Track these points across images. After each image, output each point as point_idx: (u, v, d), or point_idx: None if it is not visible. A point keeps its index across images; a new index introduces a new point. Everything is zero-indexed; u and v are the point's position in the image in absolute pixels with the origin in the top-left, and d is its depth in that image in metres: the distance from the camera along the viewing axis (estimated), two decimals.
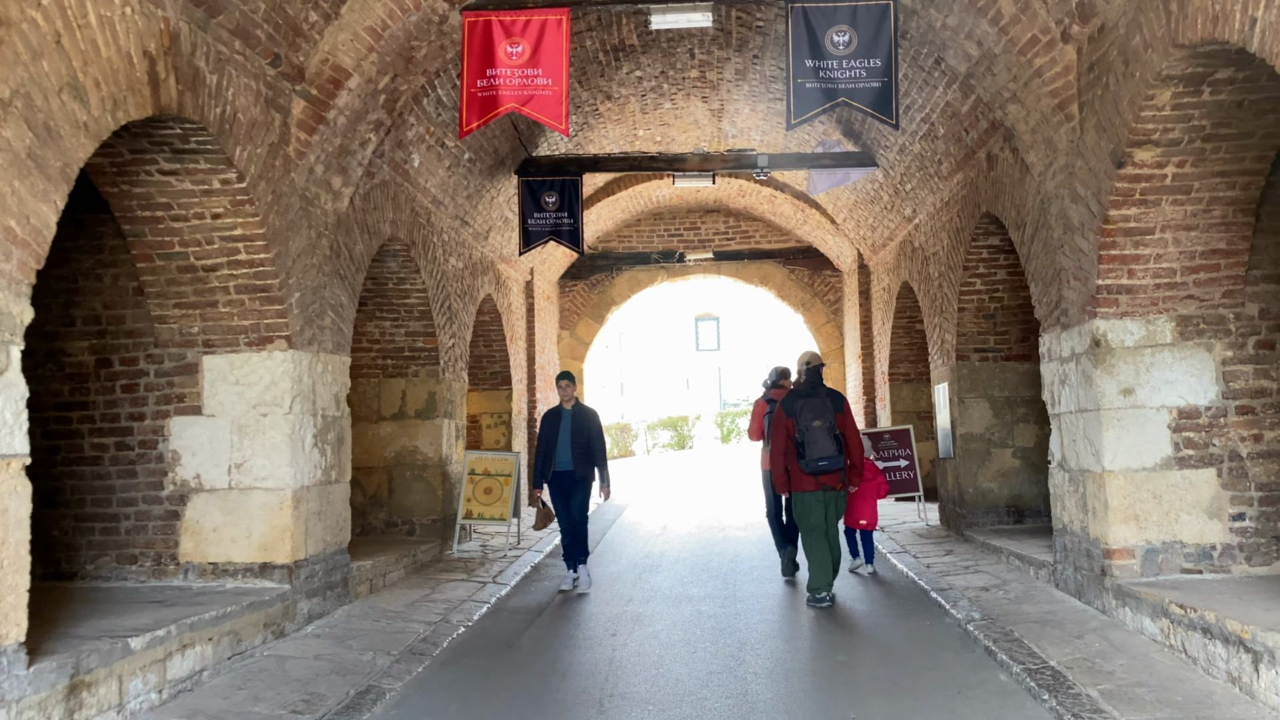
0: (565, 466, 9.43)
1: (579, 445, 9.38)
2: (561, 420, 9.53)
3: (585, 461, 9.42)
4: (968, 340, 10.95)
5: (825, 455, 8.17)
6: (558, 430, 9.47)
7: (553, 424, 9.55)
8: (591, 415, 9.65)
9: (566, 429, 9.43)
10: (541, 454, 9.51)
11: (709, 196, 17.90)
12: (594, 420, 9.63)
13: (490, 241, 13.57)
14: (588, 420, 9.57)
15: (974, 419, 10.91)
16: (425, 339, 11.23)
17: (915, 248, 12.77)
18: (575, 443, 9.37)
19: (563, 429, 9.45)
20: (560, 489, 9.51)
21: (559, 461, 9.44)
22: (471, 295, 12.82)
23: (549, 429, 9.53)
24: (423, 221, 10.78)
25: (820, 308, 18.59)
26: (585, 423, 9.52)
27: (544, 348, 17.23)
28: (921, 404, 14.85)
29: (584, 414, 9.60)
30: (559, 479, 9.49)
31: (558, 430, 9.47)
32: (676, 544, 12.28)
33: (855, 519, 9.53)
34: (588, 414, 9.64)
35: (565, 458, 9.41)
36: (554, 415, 9.62)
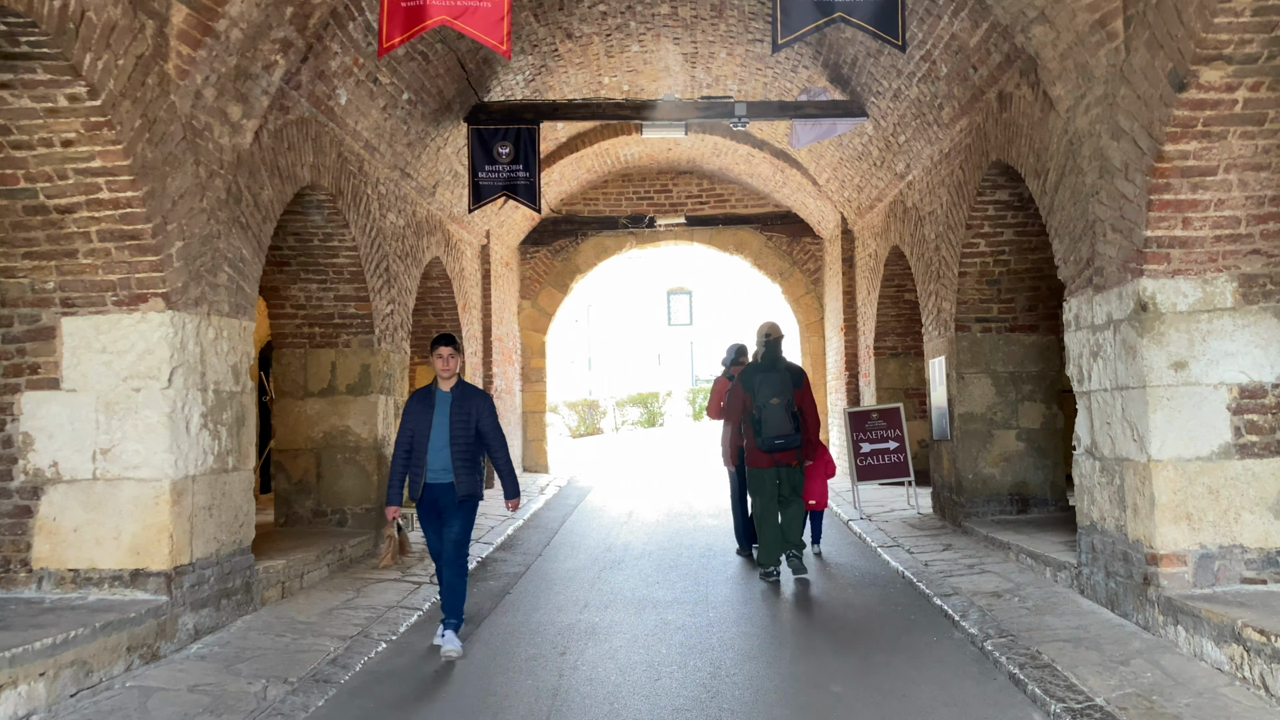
0: (441, 478, 6.46)
1: (462, 445, 6.46)
2: (435, 408, 6.52)
3: (470, 470, 6.50)
4: (968, 309, 9.77)
5: (782, 434, 8.00)
6: (429, 422, 6.49)
7: (421, 413, 6.53)
8: (482, 400, 6.65)
9: (443, 421, 6.47)
10: (400, 458, 6.54)
11: (681, 156, 16.60)
12: (485, 407, 6.63)
13: (438, 198, 12.23)
14: (476, 407, 6.58)
15: (974, 397, 9.75)
16: (358, 304, 9.90)
17: (908, 208, 11.56)
18: (456, 442, 6.45)
19: (437, 421, 6.47)
20: (431, 511, 6.56)
21: (431, 469, 6.46)
22: (415, 257, 11.49)
23: (415, 420, 6.53)
24: (353, 169, 9.43)
25: (799, 277, 17.39)
26: (472, 411, 6.55)
27: (501, 318, 15.92)
28: (910, 380, 13.70)
29: (470, 399, 6.59)
30: (431, 497, 6.52)
31: (429, 422, 6.49)
32: (643, 534, 11.08)
33: (804, 499, 8.73)
34: (476, 399, 6.63)
35: (441, 464, 6.45)
36: (423, 401, 6.58)
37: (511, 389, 16.61)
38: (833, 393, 16.39)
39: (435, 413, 6.52)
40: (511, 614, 7.38)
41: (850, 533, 10.55)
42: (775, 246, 17.39)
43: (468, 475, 6.50)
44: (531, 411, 17.54)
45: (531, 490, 14.88)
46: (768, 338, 8.45)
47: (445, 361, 6.56)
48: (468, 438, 6.50)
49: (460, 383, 6.65)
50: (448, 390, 6.60)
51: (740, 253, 17.51)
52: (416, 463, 6.49)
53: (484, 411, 6.62)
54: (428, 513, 6.62)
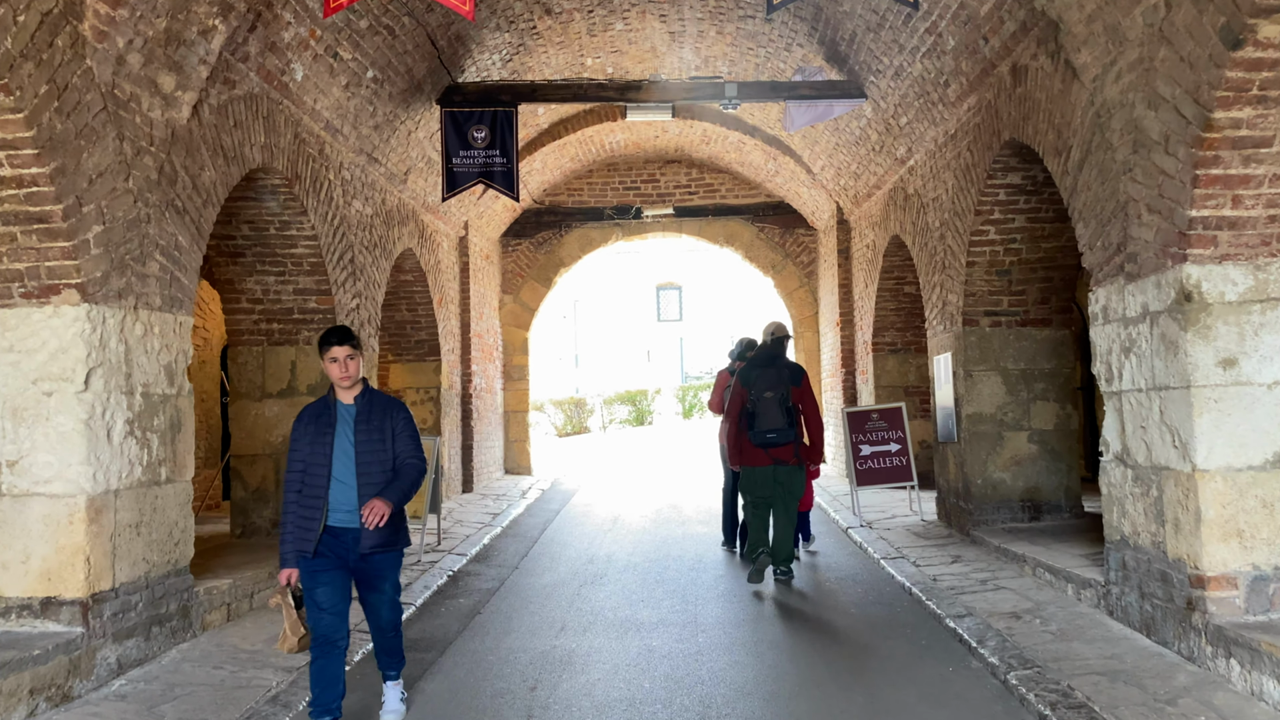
0: (347, 521, 4.81)
1: (376, 475, 4.83)
2: (336, 428, 4.86)
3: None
4: (977, 301, 9.09)
5: (774, 427, 7.93)
6: (328, 448, 4.83)
7: (315, 437, 4.86)
8: (397, 412, 5.01)
9: (347, 445, 4.84)
10: (292, 503, 4.86)
11: (669, 144, 15.90)
12: (402, 421, 4.99)
13: (410, 186, 11.51)
14: (391, 423, 4.95)
15: (983, 396, 9.08)
16: (319, 298, 9.17)
17: (909, 194, 10.88)
18: (367, 471, 4.82)
19: (339, 446, 4.83)
20: (329, 564, 4.80)
21: (335, 511, 4.82)
22: (384, 248, 10.77)
23: (309, 447, 4.86)
24: (312, 152, 8.71)
25: (792, 270, 16.70)
26: (386, 427, 4.92)
27: (481, 313, 15.20)
28: (910, 377, 13.04)
29: (383, 412, 4.96)
30: (335, 550, 4.82)
31: (328, 448, 4.83)
32: (628, 543, 10.39)
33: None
34: (390, 411, 4.99)
35: (348, 502, 4.81)
36: (317, 419, 4.92)
37: (493, 388, 15.90)
38: (828, 391, 15.72)
39: (336, 435, 4.86)
40: (480, 638, 6.69)
41: (850, 542, 9.87)
42: (767, 238, 16.70)
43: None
44: (514, 411, 16.83)
45: (513, 494, 14.18)
46: (773, 336, 8.57)
47: (342, 365, 4.85)
48: (383, 465, 4.87)
49: (367, 391, 4.99)
50: (350, 402, 4.93)
51: (731, 245, 16.83)
52: (311, 504, 4.77)
53: (401, 428, 4.96)
54: (328, 566, 4.78)
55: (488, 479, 15.32)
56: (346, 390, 4.96)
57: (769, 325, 8.79)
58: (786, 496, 8.09)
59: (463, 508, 12.74)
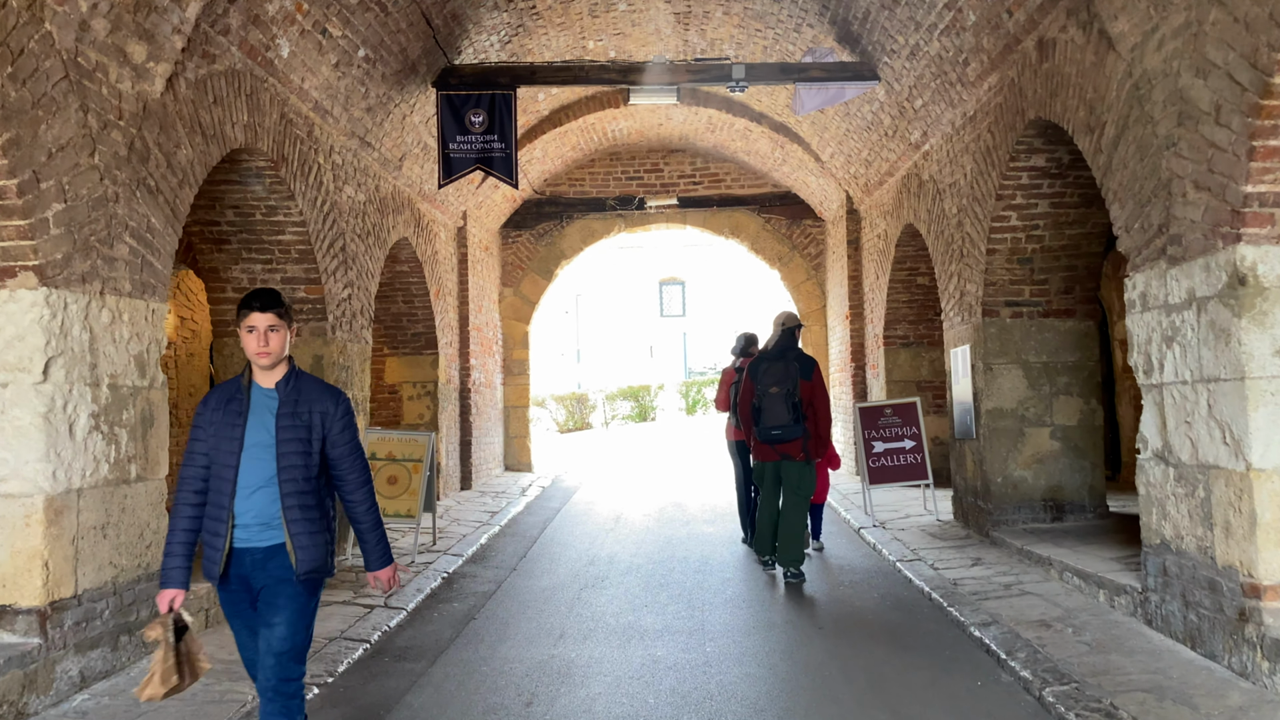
0: (259, 538, 3.74)
1: (298, 480, 3.75)
2: (249, 418, 3.78)
3: (312, 523, 3.77)
4: (997, 291, 8.66)
5: (779, 424, 7.76)
6: (236, 443, 3.74)
7: (222, 427, 3.77)
8: (333, 403, 3.87)
9: (263, 439, 3.75)
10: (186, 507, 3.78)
11: (673, 132, 15.47)
12: (338, 414, 3.87)
13: (405, 173, 11.09)
14: (321, 415, 3.83)
15: (1004, 390, 8.65)
16: (308, 287, 8.77)
17: (924, 181, 10.45)
18: (288, 474, 3.75)
19: (251, 440, 3.75)
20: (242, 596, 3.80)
21: (242, 524, 3.74)
22: (378, 236, 10.36)
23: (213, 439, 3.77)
24: (300, 134, 8.29)
25: (799, 262, 16.27)
26: (314, 421, 3.81)
27: (480, 306, 14.79)
28: (922, 372, 12.61)
29: (312, 401, 3.83)
30: (241, 573, 3.77)
31: (236, 443, 3.74)
32: (630, 543, 9.98)
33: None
34: (321, 400, 3.85)
35: (259, 514, 3.74)
36: (227, 404, 3.81)
37: (492, 382, 15.49)
38: (836, 386, 15.30)
39: (248, 426, 3.73)
40: (474, 647, 6.28)
41: (863, 543, 9.46)
42: (774, 229, 16.27)
43: (309, 534, 3.71)
44: (514, 406, 16.42)
45: (513, 491, 13.77)
46: (783, 326, 8.32)
47: (260, 338, 3.72)
48: (308, 467, 3.74)
49: (295, 374, 3.84)
50: (271, 386, 3.80)
51: (736, 236, 16.40)
52: (215, 514, 3.70)
53: (335, 422, 3.81)
54: (237, 600, 3.79)
55: (487, 476, 14.92)
56: (266, 371, 3.80)
57: (779, 315, 8.50)
58: (795, 495, 7.86)
59: (460, 505, 12.34)
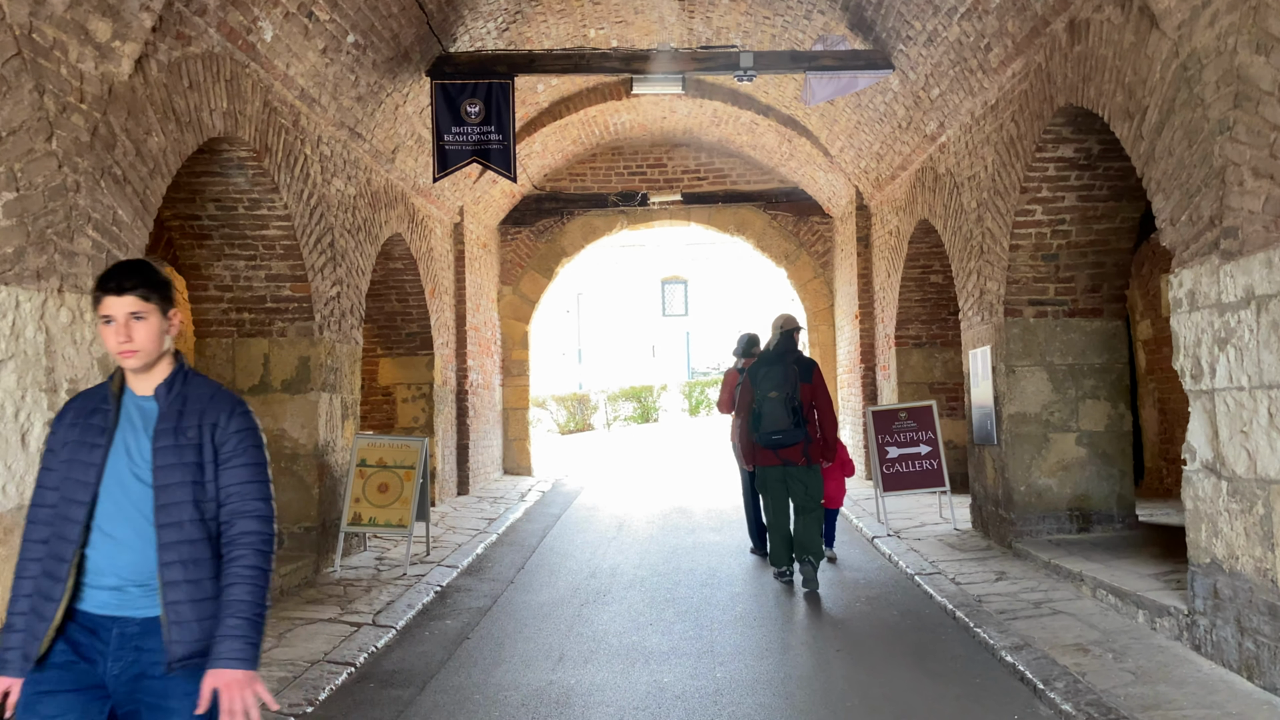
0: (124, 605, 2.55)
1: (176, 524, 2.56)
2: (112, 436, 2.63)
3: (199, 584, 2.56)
4: (1020, 289, 8.23)
5: (779, 428, 7.58)
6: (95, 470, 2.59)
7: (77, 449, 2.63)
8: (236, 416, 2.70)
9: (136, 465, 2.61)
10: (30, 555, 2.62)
11: (677, 126, 15.04)
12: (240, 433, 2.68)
13: (399, 166, 10.66)
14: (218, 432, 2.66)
15: (1027, 394, 8.21)
16: (294, 285, 8.34)
17: (940, 174, 10.02)
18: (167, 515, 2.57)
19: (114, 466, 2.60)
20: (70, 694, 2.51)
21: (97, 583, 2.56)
22: (370, 232, 9.92)
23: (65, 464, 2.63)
24: (285, 123, 7.86)
25: (806, 260, 15.83)
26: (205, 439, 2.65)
27: (478, 305, 14.35)
28: (935, 373, 12.17)
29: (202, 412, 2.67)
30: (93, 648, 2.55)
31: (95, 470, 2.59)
32: (634, 553, 9.55)
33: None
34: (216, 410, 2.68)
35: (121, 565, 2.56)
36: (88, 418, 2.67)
37: (491, 384, 15.05)
38: (845, 388, 14.86)
39: (112, 448, 2.64)
40: (467, 671, 5.84)
41: (878, 554, 9.02)
42: (780, 227, 15.83)
43: (193, 602, 2.56)
44: (513, 408, 15.98)
45: (511, 497, 13.34)
46: (782, 329, 8.13)
47: (120, 330, 2.62)
48: (198, 505, 2.62)
49: (181, 374, 2.73)
50: (148, 394, 2.71)
51: (742, 234, 15.96)
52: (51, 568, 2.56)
53: (226, 438, 2.68)
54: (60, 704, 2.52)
55: (485, 480, 14.49)
56: (139, 375, 2.70)
57: (778, 318, 8.34)
58: (805, 498, 7.73)
59: (457, 512, 11.91)
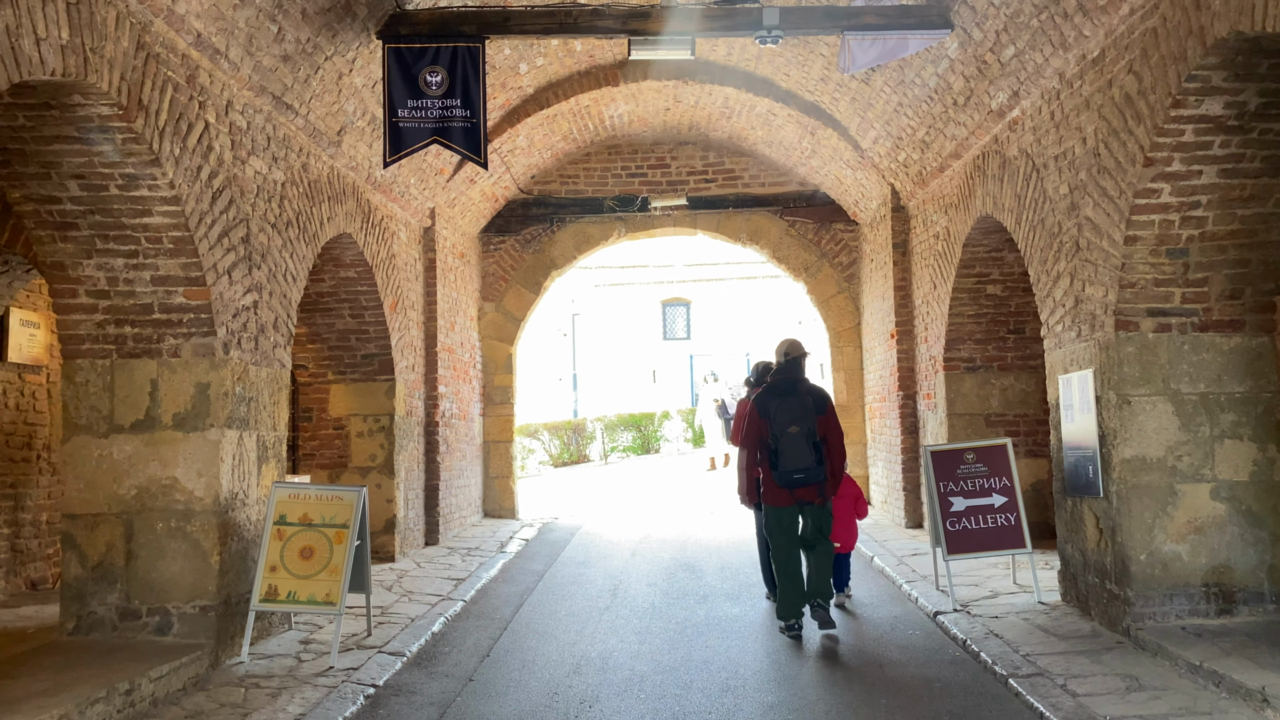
0: None
1: None
2: None
3: None
4: (1137, 295, 6.31)
5: (802, 467, 7.08)
6: None
7: None
8: None
9: None
10: None
11: (682, 119, 13.18)
12: None
13: (347, 151, 8.78)
14: None
15: (1147, 433, 6.28)
16: (190, 290, 6.42)
17: (1011, 158, 8.13)
18: None
19: None
20: None
21: None
22: (304, 229, 8.02)
23: None
24: (174, 76, 5.98)
25: (829, 273, 13.93)
26: None
27: (454, 323, 12.43)
28: (992, 403, 10.22)
29: None
30: None
31: None
32: (631, 632, 7.57)
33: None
34: None
35: None
36: None
37: (468, 414, 13.10)
38: (876, 418, 12.91)
39: None
40: None
41: (947, 639, 7.02)
42: (799, 235, 13.94)
43: None
44: (495, 441, 14.01)
45: (489, 547, 11.37)
46: (787, 355, 7.57)
47: None
48: None
49: None
50: None
51: (755, 243, 14.07)
52: None
53: None
54: None
55: (460, 526, 12.51)
56: None
57: (782, 343, 7.72)
58: (818, 539, 7.26)
59: (420, 569, 9.94)
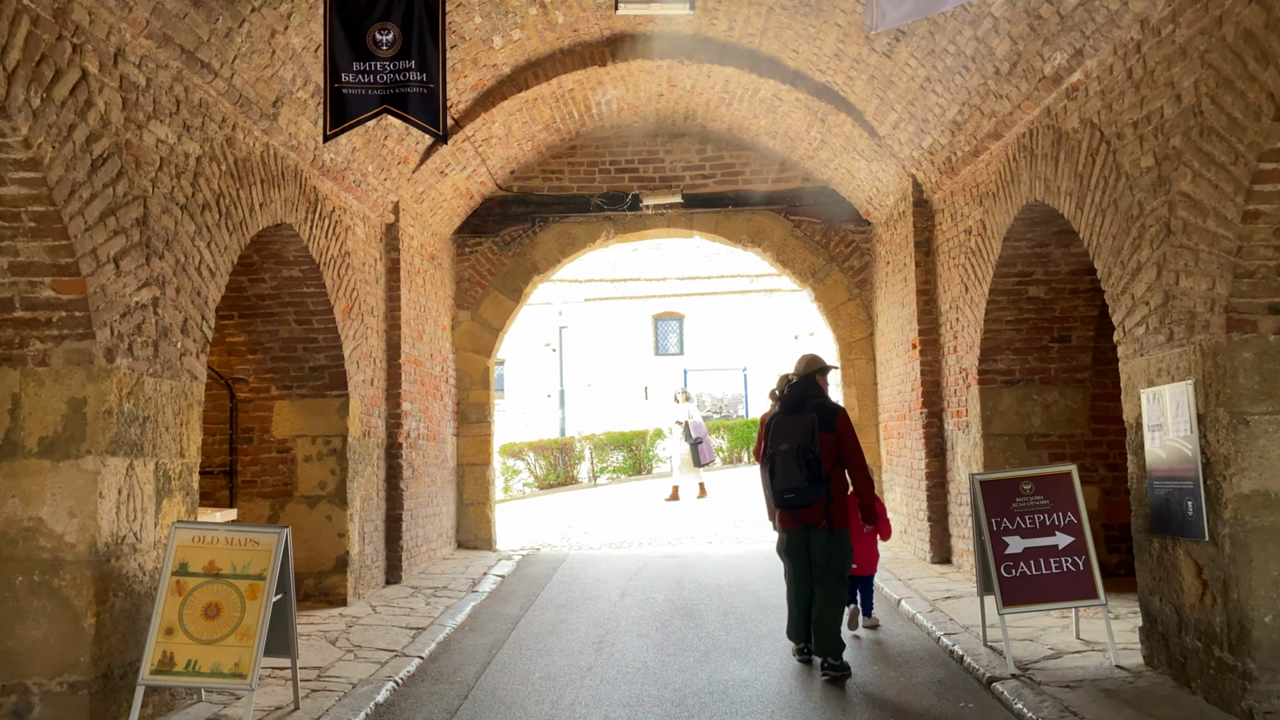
0: None
1: None
2: None
3: None
4: (1257, 286, 5.03)
5: (790, 486, 6.67)
6: None
7: None
8: None
9: None
10: None
11: (677, 106, 11.92)
12: None
13: (285, 126, 7.48)
14: None
15: (1270, 460, 4.99)
16: (59, 281, 5.10)
17: (1069, 132, 6.86)
18: None
19: None
20: None
21: None
22: (228, 215, 6.71)
23: None
24: (32, 7, 4.69)
25: (838, 279, 12.66)
26: None
27: (421, 332, 11.11)
28: (1034, 421, 8.92)
29: None
30: None
31: None
32: (618, 703, 6.19)
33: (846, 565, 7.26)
34: None
35: None
36: None
37: (439, 434, 11.76)
38: (893, 438, 11.61)
39: None
40: None
41: (1002, 711, 5.68)
42: (805, 236, 12.67)
43: None
44: (470, 464, 12.67)
45: (459, 585, 10.01)
46: (800, 374, 7.13)
47: None
48: None
49: None
50: None
51: (757, 246, 12.80)
52: None
53: None
54: None
55: (428, 559, 11.15)
56: None
57: (802, 358, 7.27)
58: (824, 573, 6.71)
59: (376, 614, 8.58)
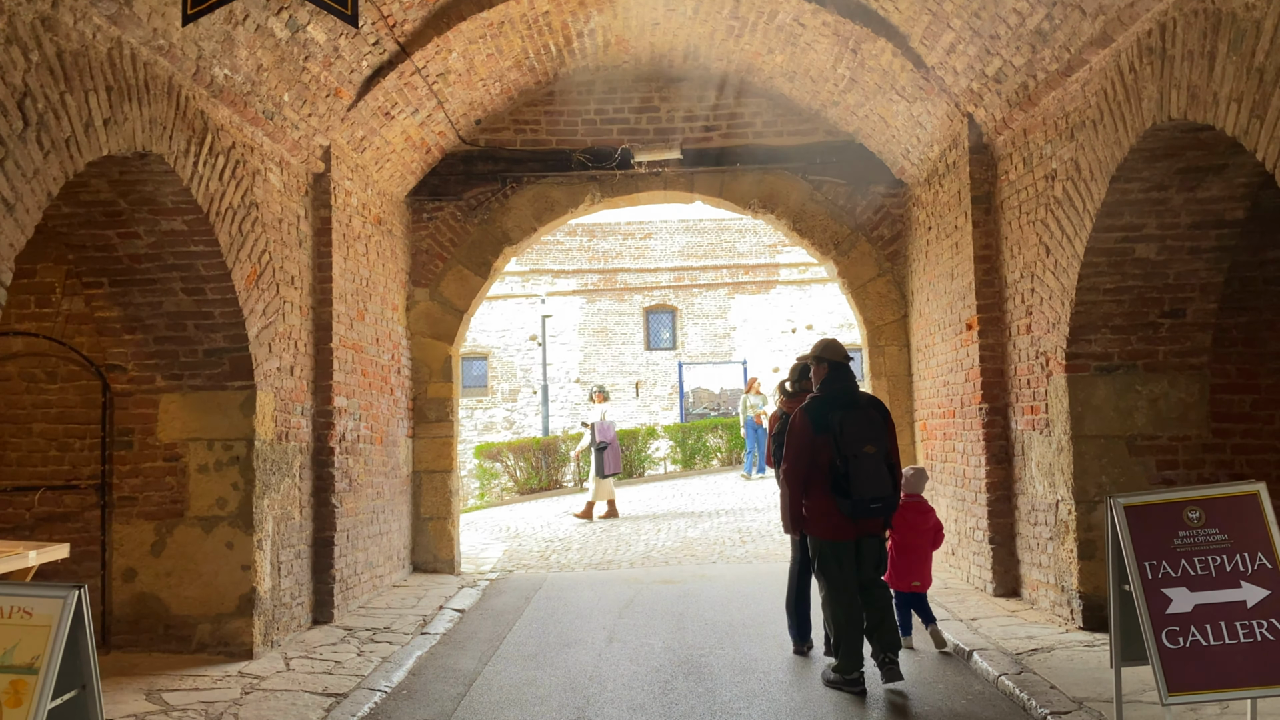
0: None
1: None
2: None
3: None
4: None
5: (880, 495, 5.93)
6: None
7: None
8: None
9: None
10: None
11: (677, 40, 9.92)
12: None
13: (148, 19, 5.46)
14: None
15: None
16: None
17: (1232, 13, 4.87)
18: None
19: None
20: None
21: None
22: (45, 126, 4.70)
23: None
24: None
25: (865, 250, 10.70)
26: None
27: (362, 311, 9.10)
28: (1139, 420, 6.95)
29: None
30: None
31: None
32: None
33: (906, 579, 6.84)
34: None
35: None
36: None
37: (387, 435, 9.74)
38: (936, 439, 9.65)
39: None
40: None
41: None
42: (826, 200, 10.70)
43: None
44: (429, 471, 10.66)
45: (405, 625, 8.02)
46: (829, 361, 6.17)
47: None
48: None
49: None
50: None
51: (769, 211, 10.82)
52: None
53: None
54: None
55: (373, 589, 9.15)
56: None
57: (818, 344, 6.34)
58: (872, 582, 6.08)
59: (287, 672, 6.58)
